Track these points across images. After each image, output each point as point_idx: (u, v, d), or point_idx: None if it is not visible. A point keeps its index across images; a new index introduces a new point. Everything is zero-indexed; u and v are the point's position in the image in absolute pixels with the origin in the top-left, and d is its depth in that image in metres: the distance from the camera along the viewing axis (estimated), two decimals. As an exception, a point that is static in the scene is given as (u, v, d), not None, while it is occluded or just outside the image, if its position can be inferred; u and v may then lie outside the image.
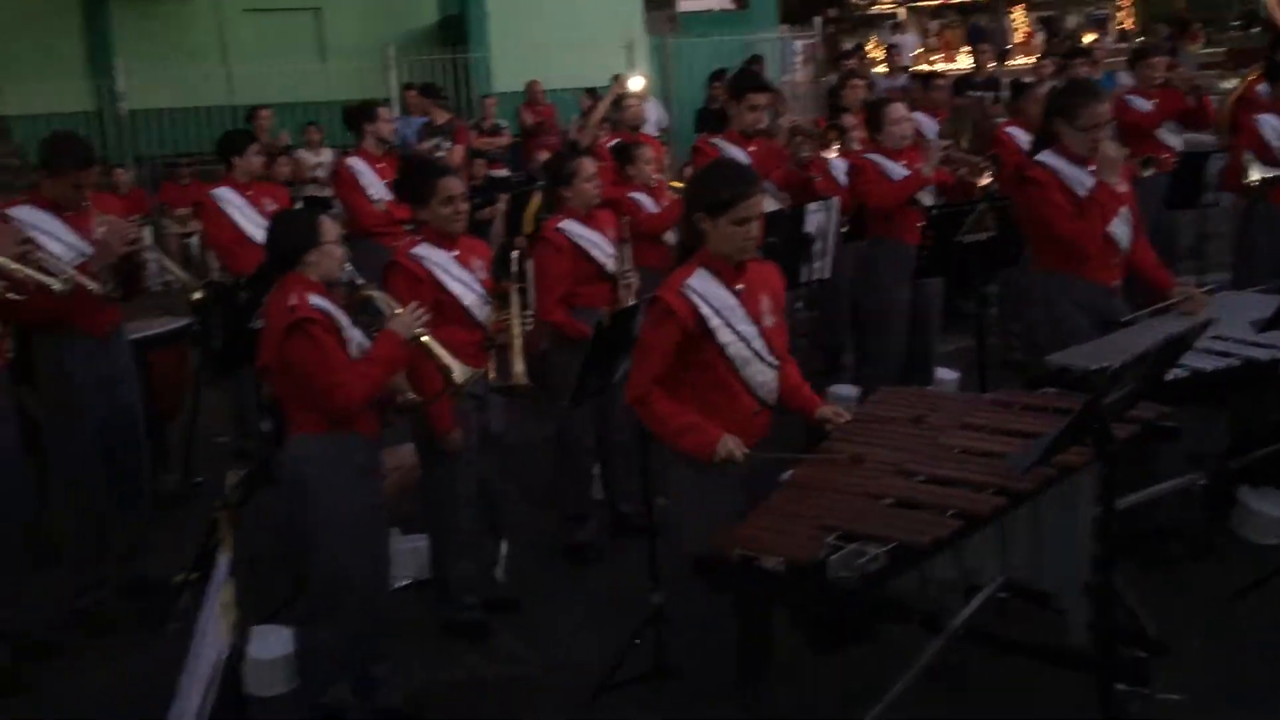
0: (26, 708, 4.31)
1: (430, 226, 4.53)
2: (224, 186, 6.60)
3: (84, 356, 4.79)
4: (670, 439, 3.52)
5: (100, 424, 4.89)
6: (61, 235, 4.66)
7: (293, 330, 3.72)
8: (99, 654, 4.71)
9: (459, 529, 4.67)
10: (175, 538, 5.46)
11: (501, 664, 4.51)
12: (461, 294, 4.49)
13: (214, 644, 1.80)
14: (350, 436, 3.86)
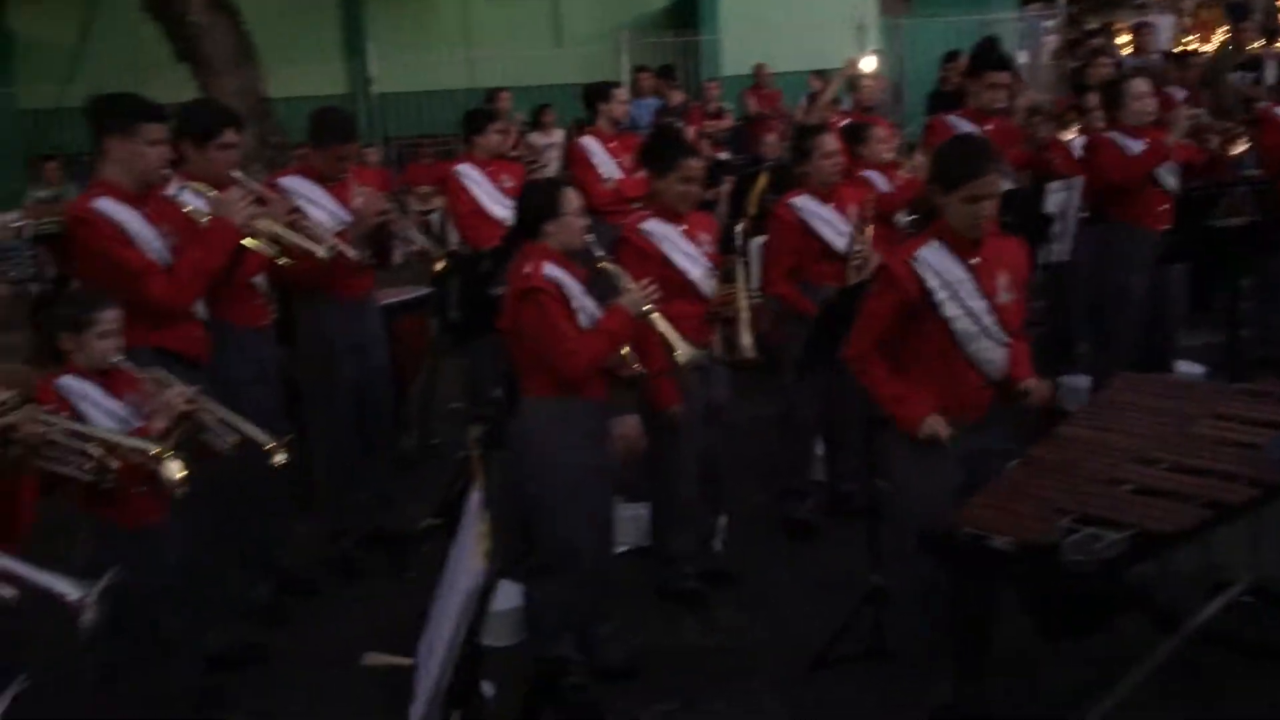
0: (288, 639, 4.67)
1: (662, 200, 4.62)
2: (465, 163, 6.88)
3: (340, 320, 5.12)
4: (881, 404, 3.57)
5: (352, 385, 5.22)
6: (325, 204, 5.01)
7: (524, 297, 3.89)
8: (351, 595, 5.06)
9: (679, 500, 4.77)
10: (412, 495, 5.81)
11: (719, 634, 4.59)
12: (688, 268, 4.57)
13: (469, 573, 1.93)
14: (579, 401, 3.99)
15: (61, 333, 3.43)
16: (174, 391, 3.44)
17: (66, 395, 3.32)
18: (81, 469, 2.47)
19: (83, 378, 3.40)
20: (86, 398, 3.35)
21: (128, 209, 4.01)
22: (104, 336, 3.44)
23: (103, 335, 3.44)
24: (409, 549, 5.21)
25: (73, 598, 1.90)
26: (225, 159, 4.48)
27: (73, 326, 3.42)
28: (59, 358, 3.44)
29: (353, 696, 4.19)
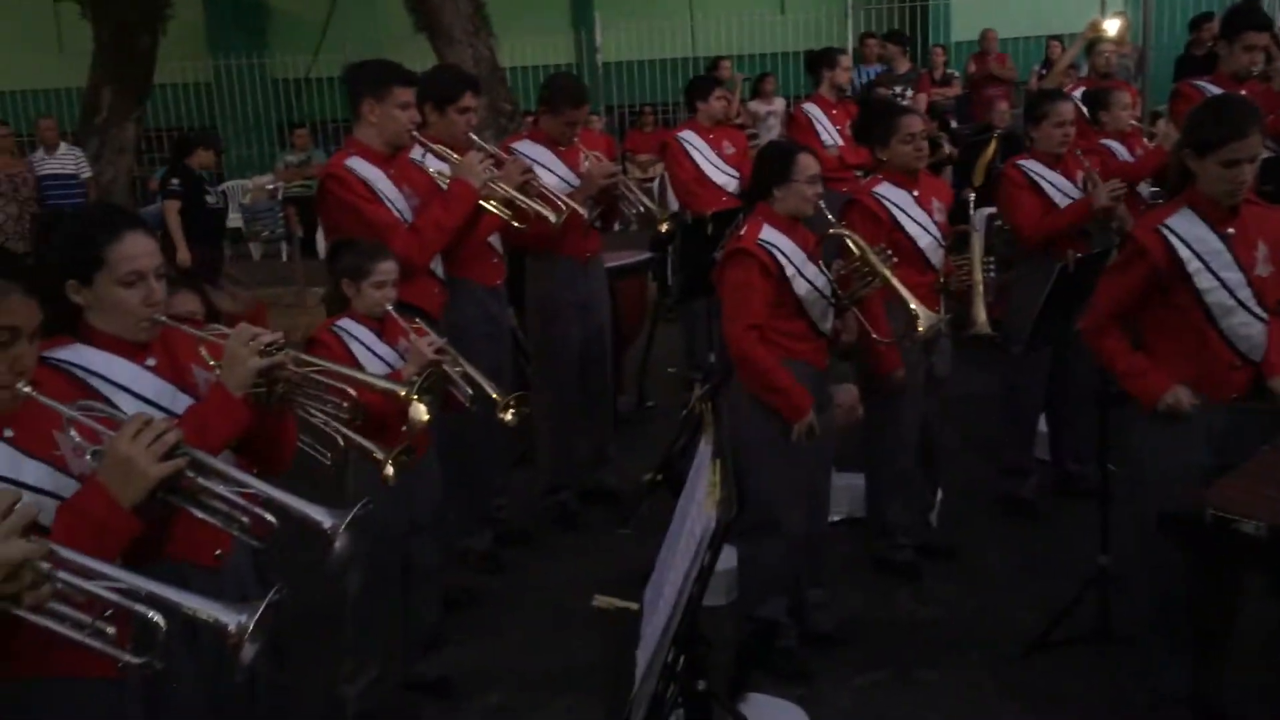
0: (505, 585, 4.89)
1: (891, 166, 4.55)
2: (687, 129, 6.93)
3: (568, 279, 5.28)
4: (1119, 379, 3.44)
5: (576, 342, 5.38)
6: (555, 168, 5.16)
7: (731, 257, 3.90)
8: (565, 546, 5.24)
9: (896, 470, 4.71)
10: (628, 454, 5.95)
11: (933, 607, 4.52)
12: (917, 235, 4.49)
13: (699, 520, 1.97)
14: (796, 365, 3.97)
15: (343, 279, 3.68)
16: (426, 340, 3.63)
17: (342, 336, 3.58)
18: (339, 408, 2.64)
19: (359, 322, 3.65)
20: (360, 340, 3.61)
21: (376, 169, 4.25)
22: (379, 286, 3.66)
23: (378, 285, 3.66)
24: (627, 505, 5.35)
25: (326, 526, 2.04)
26: (464, 122, 4.66)
27: (353, 274, 3.67)
28: (346, 302, 3.70)
29: (562, 641, 4.37)
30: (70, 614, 1.69)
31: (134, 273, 2.45)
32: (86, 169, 10.08)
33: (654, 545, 2.96)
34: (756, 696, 3.54)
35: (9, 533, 1.57)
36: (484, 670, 4.20)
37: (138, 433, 1.98)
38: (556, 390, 5.40)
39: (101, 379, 2.42)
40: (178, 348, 2.63)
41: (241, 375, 2.39)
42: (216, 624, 1.73)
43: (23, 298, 2.00)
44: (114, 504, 1.95)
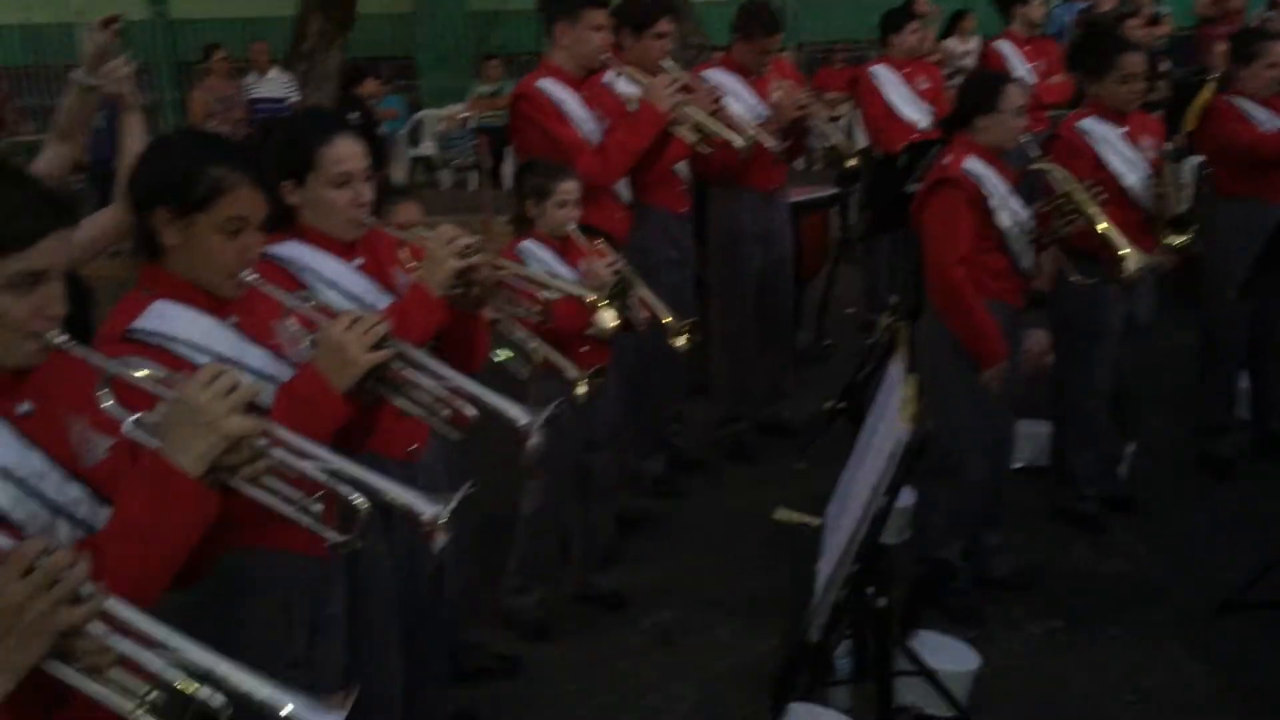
0: (678, 510, 4.96)
1: (1099, 101, 4.33)
2: (881, 64, 6.75)
3: (751, 210, 5.25)
4: None
5: (755, 274, 5.35)
6: (744, 97, 5.12)
7: (935, 188, 3.78)
8: (739, 476, 5.28)
9: (1087, 418, 4.54)
10: (804, 390, 5.93)
11: (1115, 560, 4.37)
12: (1123, 173, 4.27)
13: (890, 435, 1.96)
14: (995, 304, 3.85)
15: (527, 200, 3.75)
16: (605, 261, 3.68)
17: (525, 257, 3.65)
18: (529, 310, 2.72)
19: (542, 243, 3.72)
20: (541, 261, 3.67)
21: (567, 90, 4.30)
22: (562, 205, 3.71)
23: (561, 204, 3.71)
24: (804, 437, 5.33)
25: (522, 422, 2.11)
26: (659, 47, 4.66)
27: (536, 194, 3.72)
28: (529, 223, 3.77)
29: (732, 567, 4.41)
30: (282, 489, 1.78)
31: (343, 174, 2.57)
32: (295, 93, 10.55)
33: (828, 479, 2.96)
34: (927, 634, 3.50)
35: (232, 408, 1.67)
36: (655, 589, 4.29)
37: (352, 323, 2.08)
38: (734, 321, 5.40)
39: (313, 274, 2.56)
40: (381, 249, 2.76)
41: (441, 275, 2.48)
42: (413, 511, 1.80)
43: (251, 189, 2.11)
44: (327, 388, 2.06)
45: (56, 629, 1.39)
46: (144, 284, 2.15)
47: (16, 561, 1.38)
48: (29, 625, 1.37)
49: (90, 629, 1.42)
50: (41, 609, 1.37)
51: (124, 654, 1.43)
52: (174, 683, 1.42)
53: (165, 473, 1.66)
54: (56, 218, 1.65)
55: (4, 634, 1.37)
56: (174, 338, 2.06)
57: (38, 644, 1.39)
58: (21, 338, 1.65)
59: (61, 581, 1.38)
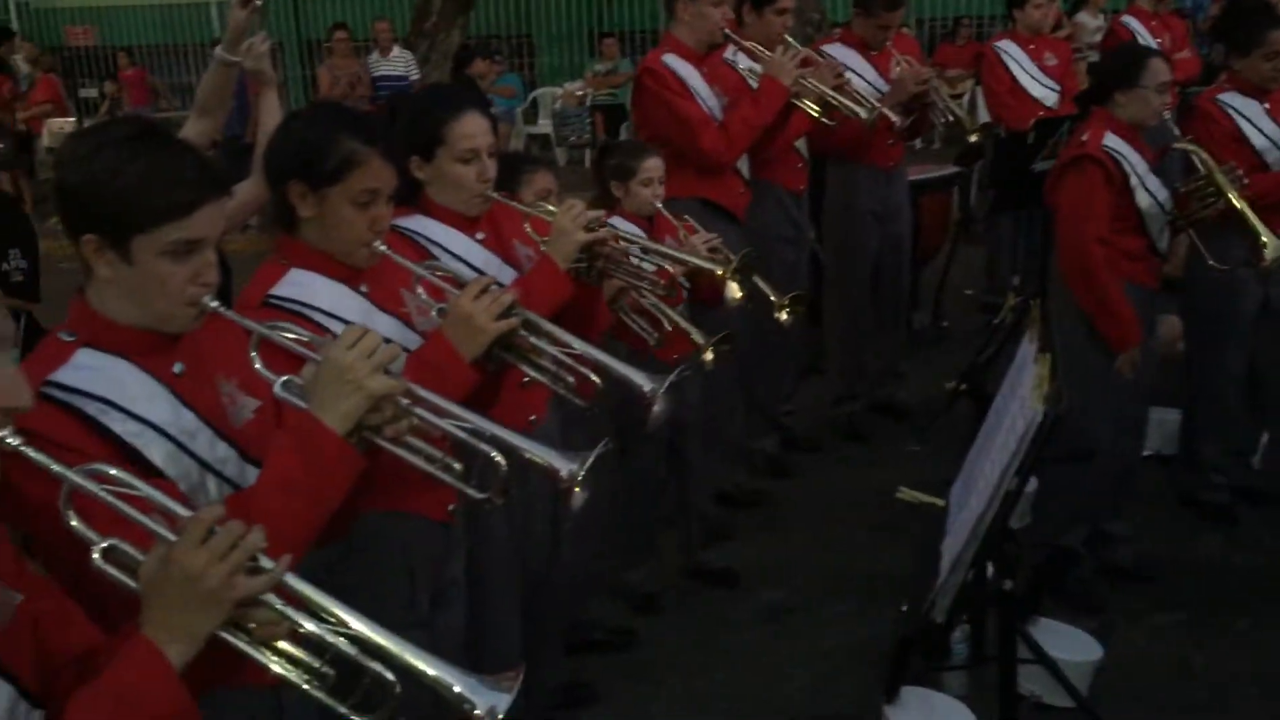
0: (790, 490, 4.94)
1: (1241, 77, 4.16)
2: (1006, 39, 6.57)
3: (868, 187, 5.18)
4: None
5: (871, 252, 5.28)
6: (865, 73, 5.04)
7: (1072, 164, 3.67)
8: (852, 456, 5.23)
9: (1219, 406, 4.38)
10: (919, 371, 5.84)
11: (1245, 553, 4.21)
12: (1265, 149, 4.09)
13: (1022, 414, 1.92)
14: (1131, 286, 3.73)
15: (611, 180, 3.73)
16: (700, 237, 3.64)
17: None
18: (655, 284, 2.73)
19: (628, 220, 3.66)
20: None
21: (690, 65, 4.29)
22: (647, 184, 3.67)
23: (645, 182, 3.67)
24: (921, 418, 5.26)
25: (647, 389, 2.13)
26: (780, 24, 4.61)
27: (620, 174, 3.70)
28: (614, 203, 3.74)
29: (845, 547, 4.38)
30: (424, 448, 1.82)
31: (471, 150, 2.61)
32: (415, 71, 10.72)
33: (942, 461, 2.91)
34: (1048, 622, 3.43)
35: (375, 368, 1.72)
36: (767, 567, 4.28)
37: (480, 292, 2.11)
38: (849, 300, 5.34)
39: (440, 247, 2.61)
40: (504, 223, 2.80)
41: (567, 248, 2.51)
42: (551, 468, 1.82)
43: (382, 162, 2.17)
44: (456, 356, 2.10)
45: (233, 598, 1.39)
46: (280, 254, 2.22)
47: (194, 529, 1.40)
48: (206, 593, 1.38)
49: (265, 599, 1.43)
50: (219, 577, 1.38)
51: (297, 626, 1.43)
52: (346, 658, 1.43)
53: (313, 431, 1.71)
54: (213, 187, 1.71)
55: (183, 602, 1.38)
56: (310, 304, 2.13)
57: (217, 613, 1.40)
58: (179, 303, 1.72)
59: (238, 549, 1.39)
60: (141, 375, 1.73)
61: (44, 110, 12.22)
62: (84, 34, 16.40)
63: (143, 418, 1.70)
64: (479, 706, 1.39)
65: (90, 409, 1.66)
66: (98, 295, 1.74)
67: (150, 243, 1.67)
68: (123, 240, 1.67)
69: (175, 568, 1.38)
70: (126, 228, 1.66)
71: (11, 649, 1.43)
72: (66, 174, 1.69)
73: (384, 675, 1.42)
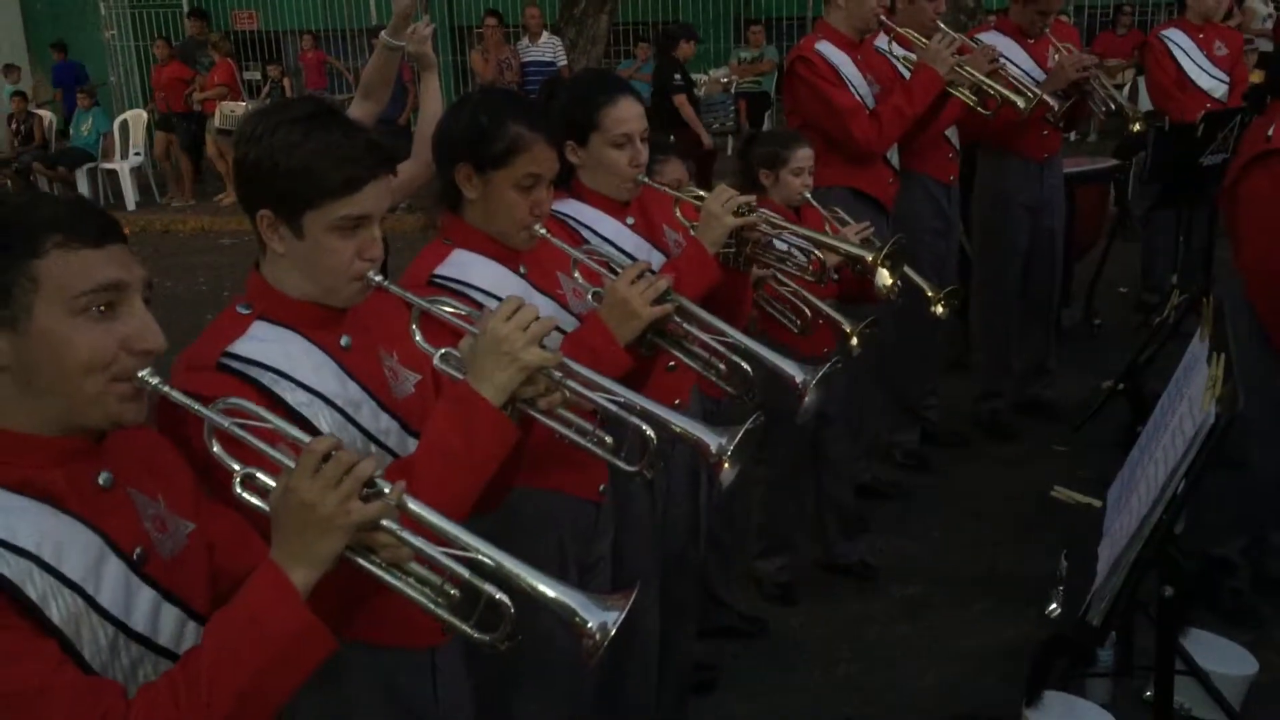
0: (930, 485, 4.87)
1: None
2: (1174, 27, 6.31)
3: (1021, 179, 5.05)
4: None
5: (1023, 246, 5.14)
6: (1020, 61, 4.90)
7: (1259, 160, 3.49)
8: (996, 454, 5.12)
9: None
10: (1068, 369, 5.67)
11: None
12: None
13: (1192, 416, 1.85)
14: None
15: (760, 168, 3.69)
16: (852, 228, 3.57)
17: None
18: (803, 270, 2.73)
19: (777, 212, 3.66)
20: None
21: (844, 53, 4.25)
22: (796, 173, 3.64)
23: (795, 172, 3.64)
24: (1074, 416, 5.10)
25: (799, 379, 2.12)
26: (932, 10, 4.52)
27: (768, 162, 3.67)
28: (760, 193, 3.68)
29: (983, 546, 4.29)
30: (577, 421, 1.86)
31: (624, 135, 2.63)
32: (563, 57, 10.85)
33: (1090, 462, 2.81)
34: (1200, 633, 3.30)
35: (530, 341, 1.75)
36: (903, 562, 4.23)
37: (636, 277, 2.14)
38: (998, 294, 5.22)
39: (591, 231, 2.65)
40: (653, 209, 2.82)
41: (717, 232, 2.52)
42: (701, 442, 1.83)
43: (546, 147, 2.21)
44: (611, 338, 2.14)
45: (350, 523, 1.43)
46: (445, 234, 2.29)
47: (307, 460, 1.43)
48: (323, 519, 1.42)
49: (387, 524, 1.46)
50: (333, 504, 1.42)
51: (419, 549, 1.47)
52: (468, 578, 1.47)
53: (470, 400, 1.75)
54: (381, 165, 1.77)
55: (301, 528, 1.42)
56: (471, 284, 2.19)
57: (334, 538, 1.43)
58: (346, 278, 1.78)
59: (350, 477, 1.42)
60: (311, 348, 1.80)
61: (219, 93, 12.78)
62: (248, 18, 17.06)
63: (312, 388, 1.77)
64: (591, 621, 1.45)
65: (265, 379, 1.74)
66: (272, 270, 1.82)
67: (321, 218, 1.73)
68: (296, 215, 1.74)
69: (292, 496, 1.43)
70: (299, 203, 1.73)
71: (181, 576, 1.52)
72: (245, 151, 1.76)
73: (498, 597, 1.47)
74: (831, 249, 2.82)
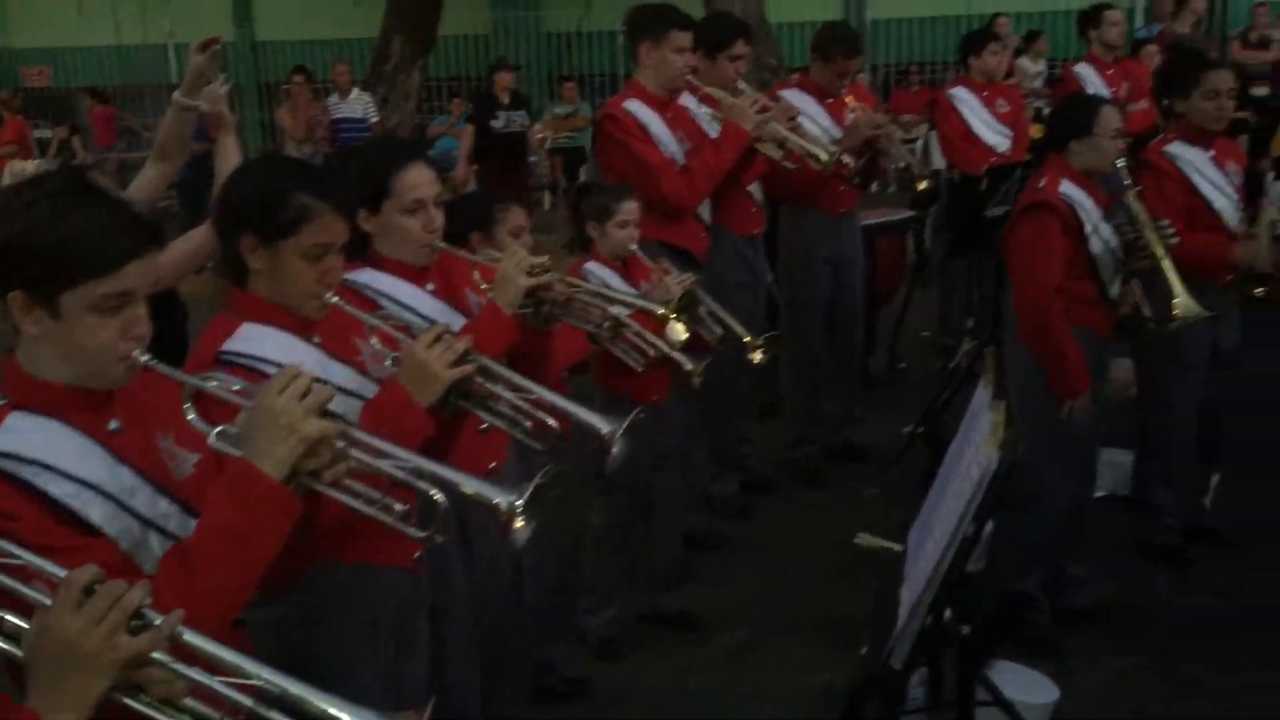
0: (749, 532, 4.95)
1: (1186, 122, 4.25)
2: (960, 86, 6.68)
3: (821, 234, 5.23)
4: None
5: (826, 298, 5.32)
6: (819, 119, 5.11)
7: (1029, 211, 3.73)
8: (810, 500, 5.24)
9: (1171, 448, 4.44)
10: (876, 414, 5.88)
11: (1199, 595, 4.25)
12: (1213, 197, 4.18)
13: (977, 462, 1.94)
14: (1082, 330, 3.77)
15: (588, 221, 3.75)
16: (674, 278, 3.66)
17: (588, 278, 3.65)
18: (600, 326, 2.76)
19: (604, 264, 3.71)
20: (605, 282, 3.67)
21: (653, 112, 4.33)
22: (622, 226, 3.70)
23: (621, 224, 3.70)
24: (879, 462, 5.28)
25: (604, 430, 2.13)
26: (734, 69, 4.67)
27: (597, 215, 3.73)
28: (588, 245, 3.78)
29: (803, 590, 4.38)
30: (364, 490, 1.81)
31: (416, 200, 2.62)
32: (375, 114, 10.75)
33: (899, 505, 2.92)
34: (1006, 665, 3.44)
35: (309, 411, 1.71)
36: (725, 610, 4.27)
37: (434, 340, 2.11)
38: (805, 343, 5.38)
39: (389, 299, 2.61)
40: (454, 272, 2.81)
41: (512, 293, 2.55)
42: (489, 501, 1.81)
43: (333, 216, 2.16)
44: (411, 403, 2.10)
45: (115, 659, 1.34)
46: (232, 307, 2.20)
47: (66, 592, 1.35)
48: (86, 656, 1.33)
49: (159, 657, 1.37)
50: (98, 640, 1.33)
51: (196, 682, 1.38)
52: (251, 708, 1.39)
53: (248, 477, 1.69)
54: (145, 240, 1.70)
55: (63, 668, 1.33)
56: (263, 358, 2.11)
57: (100, 678, 1.34)
58: (110, 359, 1.70)
59: (116, 610, 1.34)
60: (75, 435, 1.71)
61: (9, 151, 12.12)
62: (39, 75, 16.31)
63: (78, 478, 1.67)
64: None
65: (25, 473, 1.63)
66: (26, 354, 1.72)
67: (80, 297, 1.66)
68: (51, 296, 1.65)
69: (50, 634, 1.34)
70: (55, 283, 1.65)
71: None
72: None
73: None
74: (623, 304, 2.85)
